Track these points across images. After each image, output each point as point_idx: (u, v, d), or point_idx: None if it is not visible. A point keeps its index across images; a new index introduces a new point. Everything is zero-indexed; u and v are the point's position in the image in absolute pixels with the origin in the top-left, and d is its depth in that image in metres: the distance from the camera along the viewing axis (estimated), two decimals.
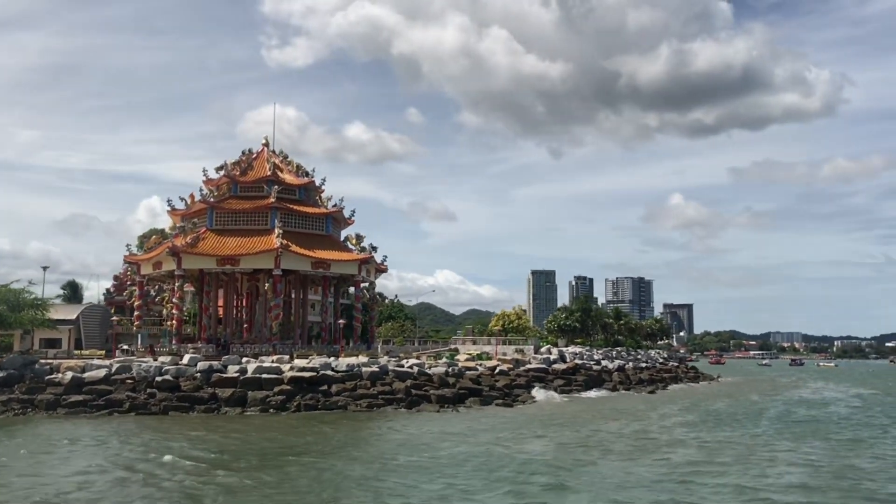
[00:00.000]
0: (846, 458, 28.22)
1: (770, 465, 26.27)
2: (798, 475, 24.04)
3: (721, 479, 23.41)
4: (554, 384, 65.85)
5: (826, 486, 22.20)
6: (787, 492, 21.25)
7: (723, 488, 21.79)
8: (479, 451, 29.61)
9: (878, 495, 20.67)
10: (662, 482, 23.04)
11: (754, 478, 23.68)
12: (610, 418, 44.09)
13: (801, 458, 28.28)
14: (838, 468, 25.99)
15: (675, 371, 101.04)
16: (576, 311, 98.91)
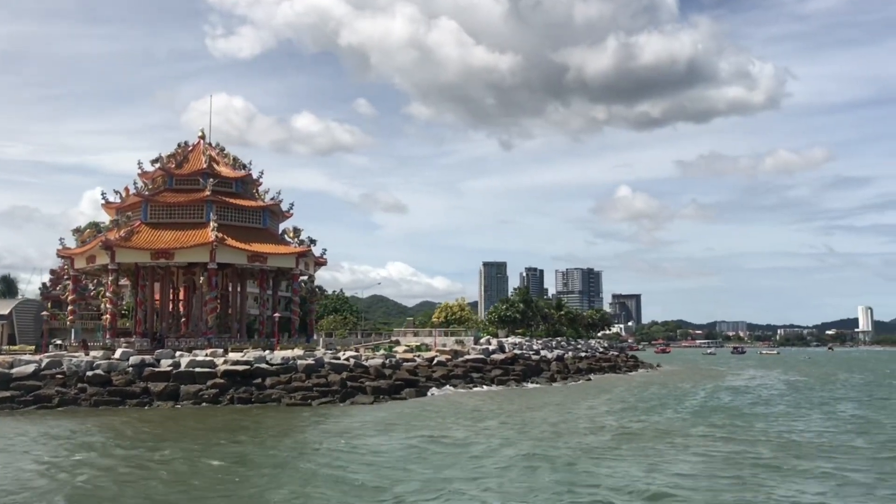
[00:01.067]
0: (745, 444, 29.42)
1: (668, 452, 27.33)
2: (689, 463, 25.04)
3: (615, 464, 24.36)
4: (491, 374, 67.03)
5: (710, 473, 23.17)
6: (671, 478, 22.16)
7: (613, 475, 22.65)
8: (402, 441, 30.26)
9: (756, 482, 21.58)
10: (561, 467, 23.93)
11: (648, 464, 24.66)
12: (539, 406, 45.15)
13: (701, 443, 29.43)
14: (731, 453, 27.20)
15: (615, 360, 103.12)
16: (517, 302, 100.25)
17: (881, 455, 26.75)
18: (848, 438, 31.30)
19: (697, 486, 21.01)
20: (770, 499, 19.47)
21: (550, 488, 20.58)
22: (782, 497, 19.69)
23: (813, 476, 22.65)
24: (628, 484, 21.00)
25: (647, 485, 20.89)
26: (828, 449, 28.20)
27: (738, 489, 20.59)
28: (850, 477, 22.49)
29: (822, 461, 25.18)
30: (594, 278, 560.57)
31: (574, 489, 20.29)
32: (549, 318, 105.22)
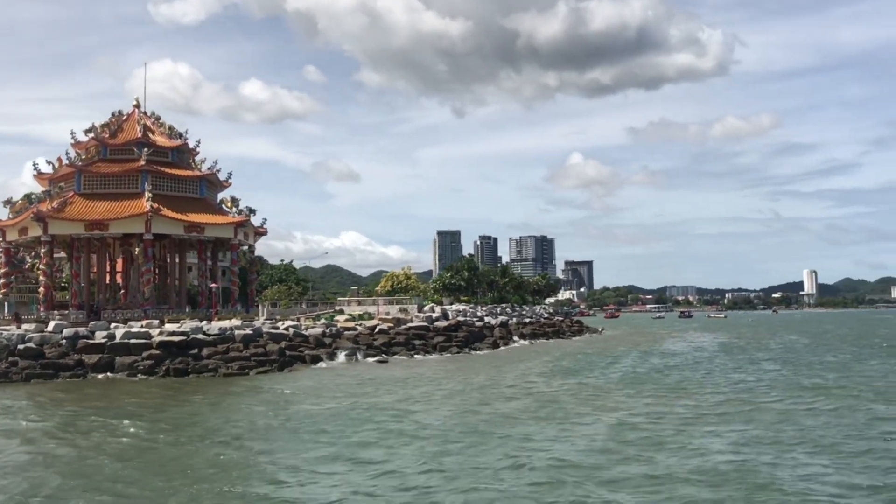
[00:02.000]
0: (656, 405, 30.38)
1: (584, 415, 28.19)
2: (600, 427, 25.86)
3: (522, 428, 25.07)
4: (433, 341, 67.77)
5: (620, 437, 24.03)
6: (574, 442, 22.86)
7: (524, 440, 23.34)
8: (332, 406, 30.73)
9: (647, 446, 22.31)
10: (473, 434, 24.60)
11: (560, 428, 25.44)
12: (473, 372, 45.95)
13: (619, 405, 30.39)
14: (645, 414, 28.21)
15: (560, 326, 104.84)
16: (462, 269, 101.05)
17: (780, 417, 27.92)
18: (753, 396, 32.55)
19: (603, 448, 21.80)
20: (656, 457, 20.29)
21: (458, 453, 21.14)
22: (671, 457, 20.53)
23: (715, 434, 23.59)
24: (534, 449, 21.66)
25: (548, 449, 21.57)
26: (734, 409, 29.31)
27: (641, 449, 21.41)
28: (752, 433, 23.52)
29: (725, 424, 26.22)
30: (547, 245, 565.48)
31: (481, 455, 20.79)
32: (494, 286, 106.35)
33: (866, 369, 45.15)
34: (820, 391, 34.12)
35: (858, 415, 27.02)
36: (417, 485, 17.56)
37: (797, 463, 19.13)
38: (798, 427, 24.40)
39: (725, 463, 19.06)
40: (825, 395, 32.80)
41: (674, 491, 16.52)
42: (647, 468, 18.69)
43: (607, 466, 18.96)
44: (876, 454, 19.99)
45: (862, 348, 66.27)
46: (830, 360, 52.49)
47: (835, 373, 43.04)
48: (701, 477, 17.65)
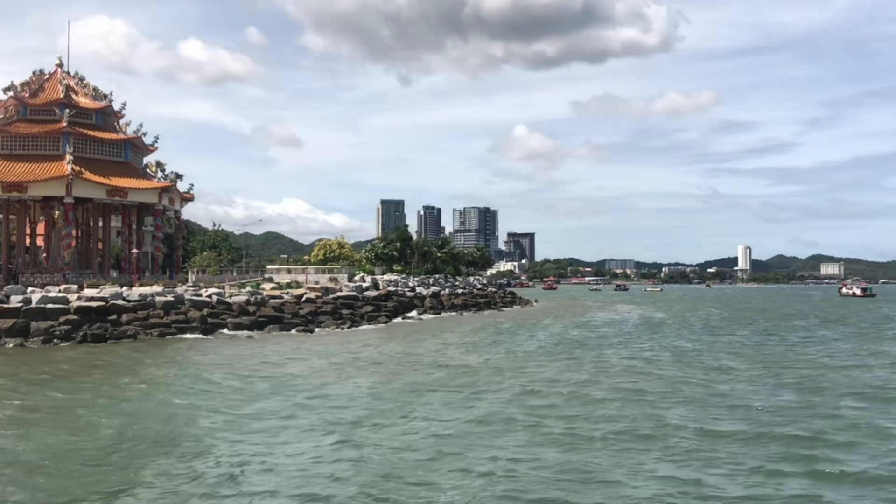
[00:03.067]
0: (560, 377, 31.42)
1: (490, 386, 29.03)
2: (500, 397, 26.72)
3: (431, 400, 25.79)
4: (362, 311, 68.17)
5: (521, 403, 24.94)
6: (477, 412, 23.68)
7: (427, 412, 24.05)
8: (239, 375, 31.01)
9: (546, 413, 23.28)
10: (378, 405, 25.21)
11: (462, 397, 26.24)
12: (395, 341, 46.62)
13: (523, 378, 31.30)
14: (547, 385, 29.20)
15: (492, 297, 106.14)
16: (395, 240, 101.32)
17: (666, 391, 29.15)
18: (644, 365, 33.84)
19: (499, 415, 22.58)
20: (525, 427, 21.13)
21: (358, 423, 21.63)
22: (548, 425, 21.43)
23: (603, 410, 24.60)
24: (433, 420, 22.33)
25: (450, 422, 22.30)
26: (633, 383, 30.47)
27: (530, 417, 22.25)
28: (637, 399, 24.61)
29: (616, 403, 27.30)
30: (490, 217, 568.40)
31: (381, 429, 21.28)
32: (429, 257, 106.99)
33: (757, 342, 47.13)
34: (705, 368, 35.58)
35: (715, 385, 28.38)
36: (293, 454, 18.05)
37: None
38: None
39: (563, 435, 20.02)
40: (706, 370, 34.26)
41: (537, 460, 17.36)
42: (529, 434, 19.52)
43: (489, 435, 19.70)
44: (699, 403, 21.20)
45: (770, 321, 68.90)
46: (732, 335, 54.59)
47: (732, 348, 44.85)
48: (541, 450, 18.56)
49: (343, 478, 15.74)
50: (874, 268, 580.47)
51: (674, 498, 14.30)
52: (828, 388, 27.48)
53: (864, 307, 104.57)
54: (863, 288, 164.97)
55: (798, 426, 20.42)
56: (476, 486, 15.00)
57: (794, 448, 17.98)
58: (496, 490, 14.78)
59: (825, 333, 54.73)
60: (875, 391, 26.88)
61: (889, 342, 47.24)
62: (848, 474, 15.89)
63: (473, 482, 15.31)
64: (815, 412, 22.56)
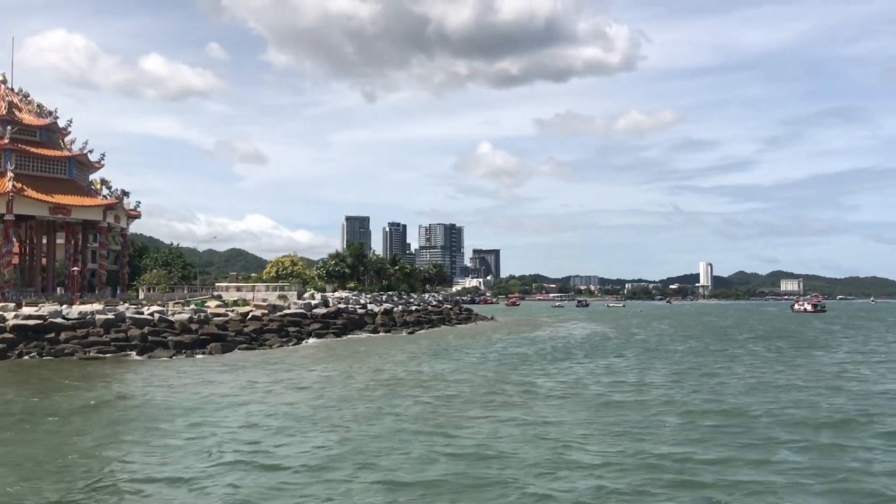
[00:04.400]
0: (477, 389, 32.15)
1: (408, 398, 29.64)
2: (415, 406, 27.34)
3: (349, 413, 26.35)
4: (309, 328, 68.39)
5: (431, 411, 25.57)
6: (373, 424, 24.33)
7: (336, 423, 24.60)
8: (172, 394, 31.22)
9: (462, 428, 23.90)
10: (294, 421, 25.68)
11: (377, 407, 26.83)
12: (334, 360, 47.01)
13: (443, 389, 31.98)
14: (469, 397, 29.88)
15: (447, 313, 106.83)
16: (347, 257, 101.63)
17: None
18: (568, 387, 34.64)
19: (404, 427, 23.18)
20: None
21: (267, 440, 22.13)
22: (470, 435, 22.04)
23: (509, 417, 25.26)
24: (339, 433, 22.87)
25: (359, 433, 22.86)
26: (557, 398, 31.21)
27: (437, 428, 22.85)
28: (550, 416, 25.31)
29: (535, 408, 27.99)
30: (456, 233, 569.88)
31: (291, 442, 21.81)
32: (383, 273, 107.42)
33: (691, 359, 48.21)
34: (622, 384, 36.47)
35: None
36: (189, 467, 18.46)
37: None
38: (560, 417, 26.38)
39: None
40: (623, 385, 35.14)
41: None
42: (425, 448, 20.12)
43: (393, 448, 20.28)
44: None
45: (712, 338, 70.29)
46: (671, 350, 55.70)
47: (656, 364, 45.84)
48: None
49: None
50: (832, 284, 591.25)
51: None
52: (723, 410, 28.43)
53: (810, 323, 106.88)
54: (814, 304, 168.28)
55: (668, 446, 20.80)
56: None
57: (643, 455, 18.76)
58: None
59: (755, 349, 56.15)
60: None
61: (806, 358, 48.54)
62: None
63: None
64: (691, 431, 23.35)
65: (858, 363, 44.74)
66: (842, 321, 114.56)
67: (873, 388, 32.58)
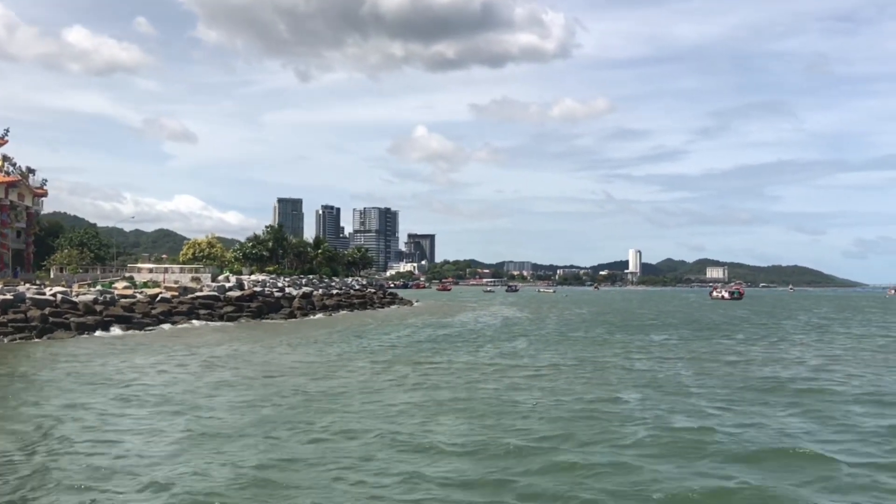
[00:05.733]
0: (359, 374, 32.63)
1: (291, 385, 29.94)
2: (294, 396, 27.67)
3: (226, 398, 26.51)
4: (221, 311, 67.91)
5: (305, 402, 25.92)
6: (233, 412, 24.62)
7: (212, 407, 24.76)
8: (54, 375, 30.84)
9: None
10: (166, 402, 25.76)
11: (260, 394, 27.11)
12: (240, 341, 46.91)
13: (341, 373, 32.34)
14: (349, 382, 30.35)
15: (370, 297, 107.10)
16: (267, 240, 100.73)
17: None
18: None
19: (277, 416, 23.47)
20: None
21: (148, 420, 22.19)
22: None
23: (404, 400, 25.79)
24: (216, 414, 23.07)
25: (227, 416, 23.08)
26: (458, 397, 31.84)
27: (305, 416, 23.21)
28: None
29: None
30: (391, 217, 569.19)
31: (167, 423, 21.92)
32: (304, 257, 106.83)
33: (583, 341, 49.57)
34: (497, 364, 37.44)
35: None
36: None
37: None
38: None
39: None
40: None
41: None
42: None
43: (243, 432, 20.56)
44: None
45: (620, 323, 72.22)
46: (570, 333, 57.14)
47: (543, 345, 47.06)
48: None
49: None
50: (756, 272, 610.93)
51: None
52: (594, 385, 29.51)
53: (724, 310, 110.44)
54: (730, 292, 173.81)
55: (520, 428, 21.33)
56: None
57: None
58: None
59: (653, 338, 57.95)
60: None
61: (700, 342, 50.40)
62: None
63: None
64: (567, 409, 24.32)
65: (748, 344, 46.59)
66: (753, 308, 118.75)
67: (751, 373, 34.09)
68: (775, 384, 29.17)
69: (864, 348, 46.40)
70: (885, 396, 26.42)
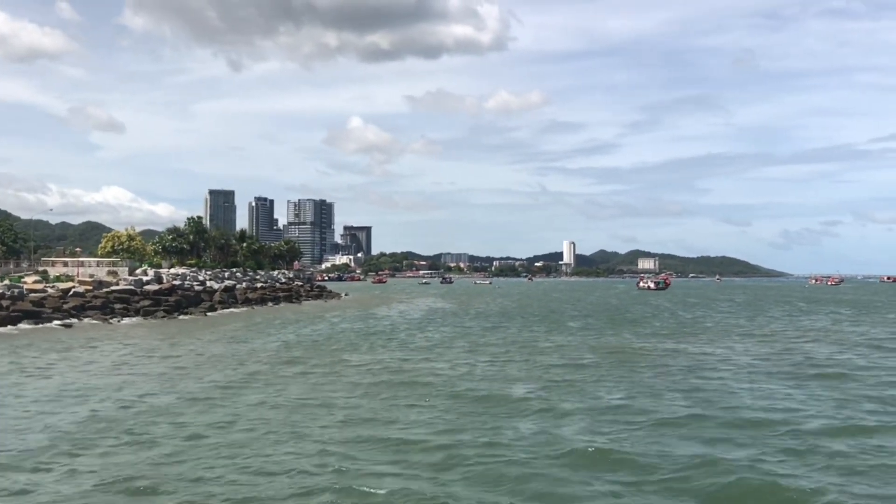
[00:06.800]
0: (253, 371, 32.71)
1: (195, 376, 29.87)
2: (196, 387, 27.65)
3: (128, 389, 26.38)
4: (138, 305, 66.69)
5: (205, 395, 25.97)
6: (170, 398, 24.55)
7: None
8: None
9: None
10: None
11: (162, 387, 27.02)
12: (148, 337, 46.34)
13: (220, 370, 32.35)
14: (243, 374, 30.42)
15: (297, 290, 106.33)
16: (188, 232, 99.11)
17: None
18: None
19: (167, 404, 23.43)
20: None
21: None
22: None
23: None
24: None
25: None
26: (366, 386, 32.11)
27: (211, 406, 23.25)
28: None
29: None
30: (326, 209, 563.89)
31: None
32: (227, 250, 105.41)
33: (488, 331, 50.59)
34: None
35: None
36: None
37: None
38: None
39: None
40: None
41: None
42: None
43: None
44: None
45: (537, 313, 73.64)
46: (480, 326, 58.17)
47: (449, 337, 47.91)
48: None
49: None
50: (685, 262, 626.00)
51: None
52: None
53: (646, 300, 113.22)
54: (656, 282, 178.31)
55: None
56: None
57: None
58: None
59: (571, 325, 59.41)
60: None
61: (597, 336, 51.91)
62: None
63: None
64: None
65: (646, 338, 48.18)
66: (676, 298, 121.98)
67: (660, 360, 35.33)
68: (663, 371, 30.36)
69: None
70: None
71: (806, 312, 78.51)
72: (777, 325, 59.45)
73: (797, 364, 33.22)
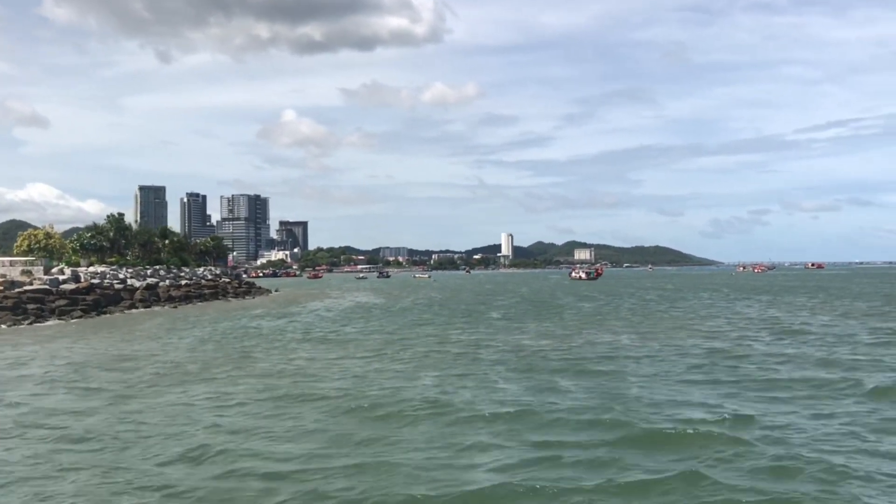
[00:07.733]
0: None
1: (86, 381, 29.26)
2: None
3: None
4: (53, 305, 64.85)
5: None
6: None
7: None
8: None
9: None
10: None
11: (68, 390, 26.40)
12: (55, 339, 45.17)
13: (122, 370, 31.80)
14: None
15: (224, 287, 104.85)
16: (108, 229, 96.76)
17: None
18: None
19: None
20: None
21: None
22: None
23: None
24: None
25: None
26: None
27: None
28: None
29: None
30: (261, 204, 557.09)
31: None
32: (150, 247, 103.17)
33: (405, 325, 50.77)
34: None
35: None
36: None
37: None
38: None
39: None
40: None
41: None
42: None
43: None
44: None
45: (468, 305, 74.09)
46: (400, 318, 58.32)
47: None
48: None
49: None
50: (620, 253, 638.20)
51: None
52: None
53: (576, 290, 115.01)
54: (587, 272, 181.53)
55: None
56: None
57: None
58: None
59: (492, 315, 59.97)
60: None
61: (537, 323, 52.60)
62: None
63: None
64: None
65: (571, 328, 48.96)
66: (606, 287, 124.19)
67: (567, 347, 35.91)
68: (567, 364, 30.88)
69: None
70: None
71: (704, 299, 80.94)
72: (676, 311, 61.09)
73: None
